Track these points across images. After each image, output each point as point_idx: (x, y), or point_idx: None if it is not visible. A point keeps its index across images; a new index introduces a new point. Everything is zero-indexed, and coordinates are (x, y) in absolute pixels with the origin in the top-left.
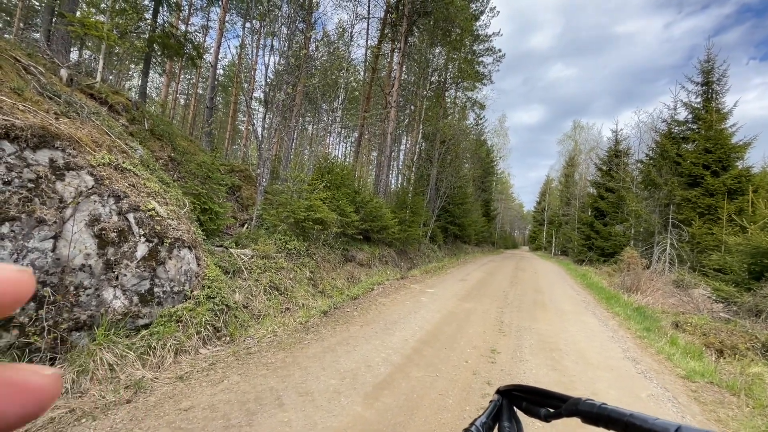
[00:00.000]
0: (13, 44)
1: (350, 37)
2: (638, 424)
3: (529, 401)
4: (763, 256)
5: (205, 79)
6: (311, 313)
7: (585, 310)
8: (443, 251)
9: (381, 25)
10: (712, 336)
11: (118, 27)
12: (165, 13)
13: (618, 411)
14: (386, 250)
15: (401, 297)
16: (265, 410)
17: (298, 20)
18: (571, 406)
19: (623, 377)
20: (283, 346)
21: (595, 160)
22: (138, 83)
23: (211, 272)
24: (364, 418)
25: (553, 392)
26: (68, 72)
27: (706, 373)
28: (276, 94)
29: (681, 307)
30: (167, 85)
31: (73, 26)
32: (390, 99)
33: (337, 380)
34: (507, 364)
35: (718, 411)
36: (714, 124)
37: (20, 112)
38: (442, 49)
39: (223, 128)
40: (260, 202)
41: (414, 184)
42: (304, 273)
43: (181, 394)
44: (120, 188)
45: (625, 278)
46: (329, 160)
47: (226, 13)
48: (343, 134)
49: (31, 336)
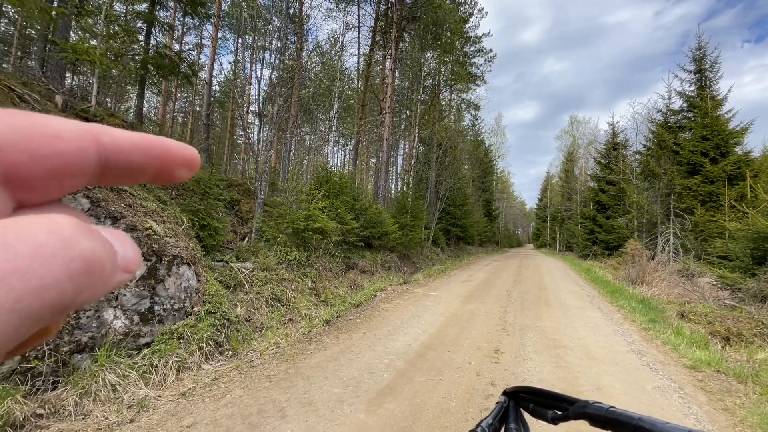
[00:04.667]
0: (8, 74)
1: (342, 46)
2: (647, 428)
3: (536, 403)
4: (765, 240)
5: (201, 96)
6: (314, 323)
7: (589, 305)
8: (446, 253)
9: (371, 33)
10: (718, 324)
11: (111, 50)
12: (158, 34)
13: (627, 414)
14: (388, 255)
15: (404, 302)
16: (268, 422)
17: (289, 33)
18: (579, 409)
19: (628, 370)
20: (286, 358)
21: (593, 154)
22: (134, 104)
23: (212, 287)
24: (367, 425)
25: (560, 394)
26: (63, 98)
27: (713, 362)
28: (270, 106)
29: (686, 297)
30: (164, 104)
31: (66, 52)
32: (384, 105)
33: (340, 389)
34: (511, 364)
35: (725, 399)
36: (710, 111)
37: None
38: (434, 52)
39: (221, 143)
40: (259, 215)
41: (413, 188)
42: (305, 283)
43: (183, 411)
44: (117, 209)
45: (630, 270)
46: (327, 169)
47: (219, 30)
48: (341, 142)
49: (33, 360)
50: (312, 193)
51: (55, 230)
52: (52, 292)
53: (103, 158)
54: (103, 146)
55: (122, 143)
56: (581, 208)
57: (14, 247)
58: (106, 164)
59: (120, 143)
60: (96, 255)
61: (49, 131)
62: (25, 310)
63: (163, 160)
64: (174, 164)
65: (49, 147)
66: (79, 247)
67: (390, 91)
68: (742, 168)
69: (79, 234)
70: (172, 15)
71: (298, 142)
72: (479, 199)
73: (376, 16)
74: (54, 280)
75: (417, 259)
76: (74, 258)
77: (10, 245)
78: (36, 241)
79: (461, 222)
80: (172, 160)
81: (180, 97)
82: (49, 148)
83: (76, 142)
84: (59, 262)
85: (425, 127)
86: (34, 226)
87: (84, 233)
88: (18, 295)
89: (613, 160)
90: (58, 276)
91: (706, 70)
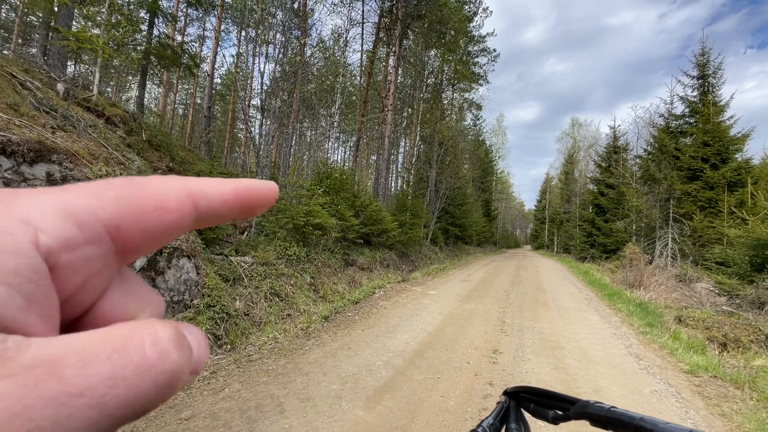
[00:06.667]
0: (9, 60)
1: (345, 42)
2: (648, 428)
3: (536, 403)
4: (764, 247)
5: (202, 89)
6: (312, 319)
7: (587, 308)
8: (445, 253)
9: (375, 30)
10: (715, 329)
11: (114, 40)
12: (161, 25)
13: (628, 414)
14: (387, 253)
15: (403, 300)
16: (266, 417)
17: (293, 27)
18: (580, 409)
19: (626, 374)
20: (285, 353)
21: (594, 157)
22: (135, 95)
23: (211, 281)
24: (366, 423)
25: (561, 394)
26: (65, 86)
27: (710, 367)
28: (272, 101)
29: (684, 302)
30: (165, 96)
31: (69, 41)
32: (387, 102)
33: (338, 385)
34: (509, 364)
35: (722, 405)
36: (711, 117)
37: (17, 128)
38: (437, 51)
39: (221, 137)
40: None
41: (413, 186)
42: (304, 279)
43: (182, 404)
44: None
45: (628, 274)
46: (328, 165)
47: (222, 23)
48: (342, 139)
49: None
50: (312, 188)
51: (157, 343)
52: (141, 401)
53: (197, 219)
54: (198, 209)
55: (215, 202)
56: (580, 210)
57: (128, 357)
58: (198, 220)
59: (213, 203)
60: (181, 369)
61: (156, 203)
62: (118, 415)
63: (248, 206)
64: (256, 206)
65: (158, 221)
66: (170, 362)
67: (392, 88)
68: (742, 175)
69: (172, 348)
70: (175, 5)
71: (299, 137)
72: (478, 199)
73: (380, 12)
74: (145, 391)
75: (416, 257)
76: (164, 371)
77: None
78: (142, 354)
79: (460, 221)
80: (256, 203)
81: (181, 89)
82: (157, 222)
83: (179, 213)
84: (152, 375)
85: (427, 125)
86: (143, 335)
87: (176, 346)
88: (120, 403)
89: (613, 163)
90: (149, 387)
91: (709, 75)
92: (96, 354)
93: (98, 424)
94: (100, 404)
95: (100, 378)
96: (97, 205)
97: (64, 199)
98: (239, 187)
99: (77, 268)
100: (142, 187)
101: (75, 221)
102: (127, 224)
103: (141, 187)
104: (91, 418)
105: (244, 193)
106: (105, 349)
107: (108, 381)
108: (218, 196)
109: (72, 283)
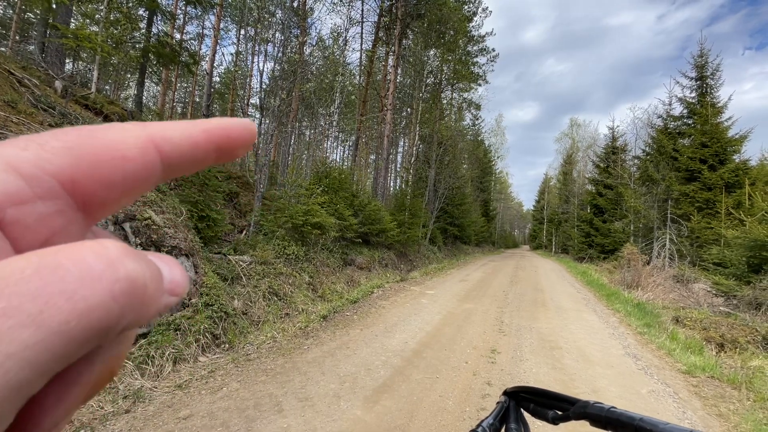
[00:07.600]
0: (7, 57)
1: (344, 41)
2: (648, 429)
3: (536, 403)
4: (762, 248)
5: (201, 87)
6: (311, 318)
7: (585, 308)
8: (443, 252)
9: (375, 29)
10: (713, 330)
11: (113, 37)
12: (159, 23)
13: (627, 415)
14: (386, 252)
15: (401, 299)
16: (264, 416)
17: (292, 26)
18: (580, 409)
19: (624, 374)
20: (283, 352)
21: (592, 158)
22: (134, 93)
23: (209, 279)
24: (364, 422)
25: (561, 394)
26: (63, 83)
27: (707, 368)
28: (271, 99)
29: (681, 302)
30: (164, 94)
31: (67, 38)
32: (386, 102)
33: (336, 384)
34: (507, 364)
35: (719, 405)
36: (709, 119)
37: (14, 125)
38: (437, 50)
39: None
40: (258, 209)
41: (412, 186)
42: (303, 278)
43: (180, 403)
44: None
45: (626, 274)
46: (327, 165)
47: (221, 21)
48: (341, 138)
49: None
50: (311, 188)
51: (102, 253)
52: (97, 313)
53: (166, 164)
54: (166, 155)
55: (183, 146)
56: (578, 211)
57: (63, 269)
58: (168, 168)
59: (180, 147)
60: (140, 277)
61: (114, 153)
62: (71, 332)
63: (223, 146)
64: (233, 147)
65: (118, 171)
66: (123, 269)
67: (392, 87)
68: (740, 176)
69: (124, 257)
70: (174, 3)
71: (298, 136)
72: (477, 199)
73: (380, 11)
74: (99, 301)
75: (414, 257)
76: (118, 279)
77: (60, 268)
78: (84, 265)
79: (459, 221)
80: (232, 143)
81: (180, 87)
82: (117, 173)
83: (142, 159)
84: (104, 284)
85: (426, 125)
86: (84, 249)
87: (130, 256)
88: (65, 317)
89: (611, 164)
90: (103, 298)
91: (707, 77)
92: (20, 272)
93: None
94: (37, 321)
95: (29, 295)
96: (44, 157)
97: (5, 152)
98: (209, 127)
99: (29, 225)
100: (94, 135)
101: (19, 174)
102: (82, 176)
103: (93, 135)
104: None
105: (216, 132)
106: (30, 265)
107: (41, 297)
108: (186, 139)
109: (29, 241)
